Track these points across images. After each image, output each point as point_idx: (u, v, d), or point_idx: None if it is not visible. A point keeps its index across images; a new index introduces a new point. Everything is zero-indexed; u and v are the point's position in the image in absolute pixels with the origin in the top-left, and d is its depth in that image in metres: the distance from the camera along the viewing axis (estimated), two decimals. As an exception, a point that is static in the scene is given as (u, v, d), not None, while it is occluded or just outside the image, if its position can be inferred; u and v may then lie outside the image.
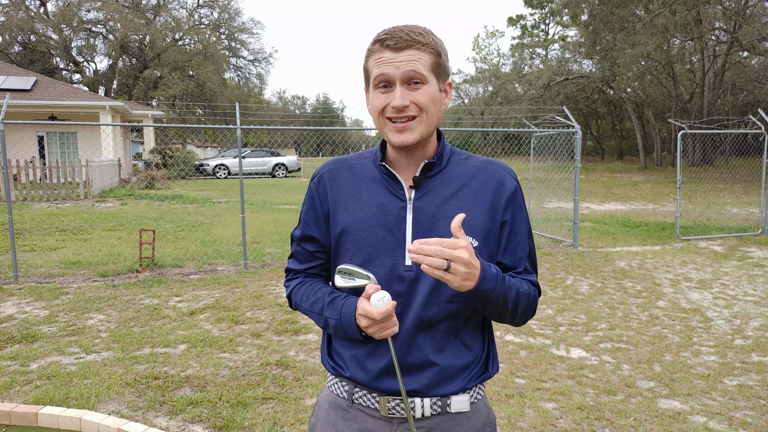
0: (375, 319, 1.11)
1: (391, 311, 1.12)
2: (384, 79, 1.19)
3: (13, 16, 33.74)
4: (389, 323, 1.14)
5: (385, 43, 1.18)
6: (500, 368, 3.93)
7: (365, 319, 1.13)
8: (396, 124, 1.19)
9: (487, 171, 1.29)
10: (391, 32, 1.19)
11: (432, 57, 1.20)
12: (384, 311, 1.11)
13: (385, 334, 1.14)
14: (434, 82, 1.21)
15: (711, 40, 27.03)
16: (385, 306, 1.11)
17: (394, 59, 1.17)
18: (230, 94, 39.72)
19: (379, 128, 1.24)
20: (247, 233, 8.37)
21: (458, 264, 1.05)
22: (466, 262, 1.06)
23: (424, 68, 1.18)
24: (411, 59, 1.17)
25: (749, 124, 10.70)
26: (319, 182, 1.34)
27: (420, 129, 1.20)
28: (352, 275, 1.20)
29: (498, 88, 44.23)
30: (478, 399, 1.30)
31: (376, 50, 1.20)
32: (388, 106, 1.19)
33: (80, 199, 14.82)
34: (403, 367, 1.23)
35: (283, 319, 5.00)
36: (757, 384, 3.70)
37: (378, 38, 1.20)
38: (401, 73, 1.17)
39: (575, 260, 7.60)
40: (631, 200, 16.22)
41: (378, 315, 1.11)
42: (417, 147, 1.24)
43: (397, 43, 1.17)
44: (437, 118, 1.23)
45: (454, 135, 29.95)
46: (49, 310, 5.27)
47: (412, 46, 1.17)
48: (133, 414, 3.25)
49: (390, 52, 1.18)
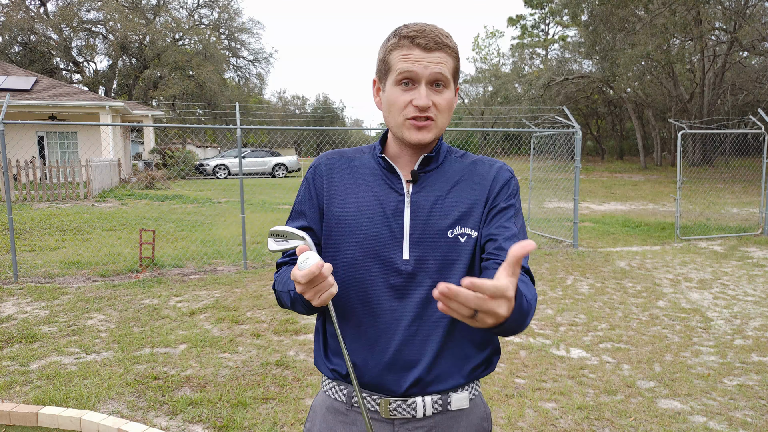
0: (302, 283, 1.05)
1: (316, 272, 1.03)
2: (409, 77, 1.19)
3: (13, 16, 33.74)
4: (321, 285, 1.06)
5: (416, 41, 1.18)
6: (500, 368, 3.93)
7: (297, 285, 1.06)
8: (417, 122, 1.20)
9: (483, 166, 1.29)
10: (421, 31, 1.19)
11: (454, 62, 1.22)
12: (307, 273, 1.02)
13: (323, 298, 1.07)
14: (452, 87, 1.23)
15: (711, 40, 27.04)
16: (308, 268, 1.03)
17: (423, 59, 1.17)
18: (230, 94, 39.72)
19: (395, 124, 1.22)
20: (247, 233, 8.37)
21: (488, 317, 0.90)
22: (499, 317, 0.90)
23: (448, 72, 1.20)
24: (440, 61, 1.18)
25: (749, 124, 10.71)
26: (315, 172, 1.33)
27: (435, 130, 1.22)
28: (285, 237, 1.15)
29: (498, 88, 44.24)
30: (476, 395, 1.30)
31: (405, 46, 1.19)
32: (410, 104, 1.19)
33: (80, 199, 14.82)
34: (402, 363, 1.21)
35: (283, 319, 5.00)
36: (757, 384, 3.70)
37: (407, 34, 1.19)
38: (429, 74, 1.18)
39: (575, 260, 7.60)
40: (631, 200, 16.22)
41: (302, 278, 1.03)
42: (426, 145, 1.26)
43: (428, 44, 1.17)
44: (449, 121, 1.26)
45: (454, 135, 29.93)
46: (49, 310, 5.27)
47: (441, 49, 1.18)
48: (133, 414, 3.25)
49: (420, 51, 1.18)
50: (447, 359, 1.23)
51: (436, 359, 1.22)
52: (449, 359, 1.23)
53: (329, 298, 1.09)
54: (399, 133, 1.23)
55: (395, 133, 1.24)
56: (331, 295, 1.09)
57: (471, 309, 0.88)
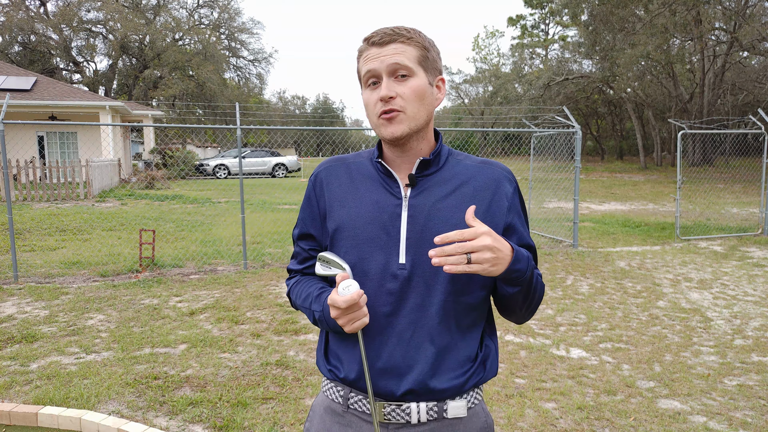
0: (340, 308, 1.12)
1: (356, 300, 1.11)
2: (372, 75, 1.21)
3: (13, 16, 33.74)
4: (357, 314, 1.14)
5: (371, 40, 1.21)
6: (500, 368, 3.93)
7: (333, 308, 1.14)
8: (384, 115, 1.20)
9: (484, 171, 1.28)
10: (377, 30, 1.22)
11: (417, 50, 1.21)
12: (348, 299, 1.10)
13: (355, 326, 1.14)
14: (422, 75, 1.21)
15: (711, 40, 27.03)
16: (350, 294, 1.11)
17: (378, 54, 1.20)
18: (230, 94, 39.72)
19: (374, 126, 1.24)
20: (247, 233, 8.37)
21: (482, 252, 1.06)
22: (490, 246, 1.06)
23: (408, 60, 1.19)
24: (395, 52, 1.19)
25: (749, 124, 10.71)
26: (315, 181, 1.34)
27: (408, 122, 1.20)
28: (329, 264, 1.21)
29: (498, 88, 44.24)
30: (476, 404, 1.27)
31: (364, 49, 1.23)
32: (378, 101, 1.20)
33: (80, 199, 14.82)
34: (397, 367, 1.21)
35: (283, 319, 5.00)
36: (757, 384, 3.70)
37: (365, 38, 1.23)
38: (386, 66, 1.19)
39: (575, 260, 7.60)
40: (631, 200, 16.22)
41: (342, 303, 1.11)
42: (410, 142, 1.24)
43: (381, 39, 1.20)
44: (426, 112, 1.23)
45: (454, 135, 29.95)
46: (49, 310, 5.27)
47: (396, 40, 1.20)
48: (133, 414, 3.25)
49: (375, 48, 1.20)
50: (442, 365, 1.21)
51: (431, 364, 1.20)
52: (444, 365, 1.22)
53: (361, 326, 1.15)
54: (378, 133, 1.24)
55: (376, 133, 1.25)
56: (363, 324, 1.15)
57: (462, 254, 1.04)
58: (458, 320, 1.23)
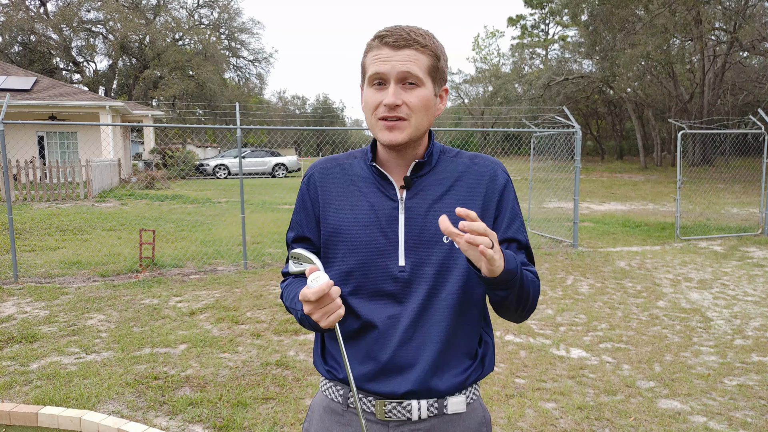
0: (312, 301, 1.07)
1: (326, 291, 1.06)
2: (379, 77, 1.18)
3: (13, 16, 33.74)
4: (330, 306, 1.09)
5: (384, 39, 1.17)
6: (500, 368, 3.93)
7: (306, 304, 1.09)
8: (386, 122, 1.18)
9: (476, 166, 1.28)
10: (392, 30, 1.18)
11: (430, 60, 1.18)
12: (317, 290, 1.06)
13: (330, 320, 1.09)
14: (429, 86, 1.19)
15: (711, 40, 27.04)
16: (318, 285, 1.06)
17: (391, 57, 1.16)
18: (230, 94, 39.74)
19: (370, 126, 1.22)
20: (247, 233, 8.37)
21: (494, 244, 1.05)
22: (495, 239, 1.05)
23: (420, 70, 1.17)
24: (408, 59, 1.16)
25: (749, 124, 10.70)
26: (309, 182, 1.33)
27: (409, 131, 1.18)
28: (300, 260, 1.19)
29: (498, 88, 44.27)
30: (474, 399, 1.29)
31: (375, 46, 1.19)
32: (381, 104, 1.18)
33: (80, 199, 14.82)
34: (398, 367, 1.21)
35: (283, 319, 5.00)
36: (757, 384, 3.70)
37: (378, 34, 1.19)
38: (396, 73, 1.16)
39: (575, 260, 7.60)
40: (631, 200, 16.22)
41: (312, 295, 1.06)
42: (407, 147, 1.23)
43: (396, 41, 1.16)
44: (428, 122, 1.22)
45: (454, 135, 29.97)
46: (49, 310, 5.27)
47: (411, 46, 1.16)
48: (133, 414, 3.25)
49: (388, 50, 1.16)
50: (443, 363, 1.22)
51: (432, 364, 1.21)
52: (445, 363, 1.23)
53: (336, 319, 1.11)
54: (374, 135, 1.22)
55: (373, 134, 1.23)
56: (338, 316, 1.11)
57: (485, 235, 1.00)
58: (458, 319, 1.23)
